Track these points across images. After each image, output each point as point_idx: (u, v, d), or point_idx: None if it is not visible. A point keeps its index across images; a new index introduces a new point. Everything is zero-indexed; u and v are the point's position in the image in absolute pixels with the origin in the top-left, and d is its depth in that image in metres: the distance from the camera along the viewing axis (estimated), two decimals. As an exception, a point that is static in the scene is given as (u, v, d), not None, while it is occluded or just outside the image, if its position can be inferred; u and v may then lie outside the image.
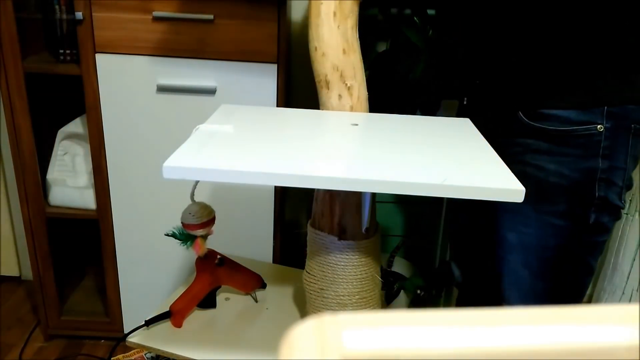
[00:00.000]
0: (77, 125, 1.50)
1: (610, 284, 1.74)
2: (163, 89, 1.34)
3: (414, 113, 1.38)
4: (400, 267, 1.69)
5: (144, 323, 1.02)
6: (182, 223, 1.02)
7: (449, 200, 1.57)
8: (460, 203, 1.09)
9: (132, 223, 1.47)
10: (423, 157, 0.77)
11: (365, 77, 0.95)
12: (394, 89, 1.37)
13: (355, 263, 0.91)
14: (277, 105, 1.35)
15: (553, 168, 0.88)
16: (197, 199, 1.02)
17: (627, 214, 1.68)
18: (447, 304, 1.57)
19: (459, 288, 1.26)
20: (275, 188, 1.44)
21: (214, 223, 1.04)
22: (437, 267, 1.56)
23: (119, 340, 1.06)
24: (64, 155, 1.52)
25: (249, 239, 1.48)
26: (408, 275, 1.60)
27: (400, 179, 0.68)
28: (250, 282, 1.14)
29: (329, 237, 0.91)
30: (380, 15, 1.55)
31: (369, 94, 0.96)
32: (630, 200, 1.67)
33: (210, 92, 1.34)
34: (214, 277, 1.07)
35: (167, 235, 1.03)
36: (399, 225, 1.74)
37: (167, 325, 1.03)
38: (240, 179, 0.69)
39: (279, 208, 1.48)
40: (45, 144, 1.50)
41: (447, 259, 1.58)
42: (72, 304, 1.69)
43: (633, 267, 1.67)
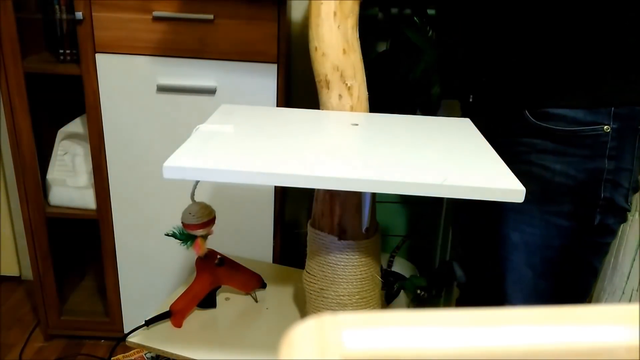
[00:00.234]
0: (77, 125, 1.50)
1: (610, 284, 1.74)
2: (163, 89, 1.34)
3: (414, 113, 1.38)
4: (400, 267, 1.69)
5: (144, 323, 1.02)
6: (182, 223, 1.02)
7: (450, 200, 1.57)
8: (461, 203, 1.09)
9: (132, 223, 1.47)
10: (423, 157, 0.77)
11: (365, 77, 0.95)
12: (394, 89, 1.37)
13: (355, 263, 0.91)
14: (277, 105, 1.35)
15: (559, 168, 0.88)
16: (197, 199, 1.02)
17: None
18: (447, 304, 1.57)
19: (461, 288, 1.26)
20: (275, 188, 1.44)
21: (214, 223, 1.04)
22: (437, 267, 1.56)
23: (119, 340, 1.06)
24: (64, 155, 1.52)
25: (249, 239, 1.48)
26: (408, 275, 1.60)
27: (400, 179, 0.68)
28: (250, 282, 1.14)
29: (329, 237, 0.91)
30: (381, 15, 1.55)
31: (369, 94, 0.96)
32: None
33: (210, 92, 1.34)
34: (214, 277, 1.07)
35: (167, 235, 1.03)
36: (399, 225, 1.74)
37: (167, 325, 1.03)
38: (240, 179, 0.69)
39: (279, 208, 1.47)
40: (45, 144, 1.50)
41: (447, 259, 1.58)
42: (72, 304, 1.69)
43: (633, 267, 1.67)
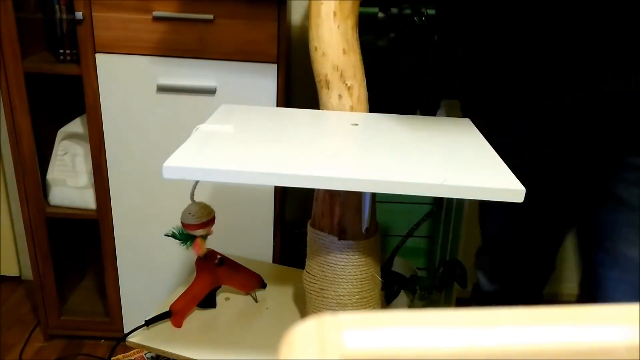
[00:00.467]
0: (77, 125, 1.50)
1: (610, 284, 1.73)
2: (163, 89, 1.34)
3: (414, 113, 1.38)
4: (400, 267, 1.69)
5: (144, 323, 1.02)
6: (182, 223, 1.02)
7: (450, 201, 1.57)
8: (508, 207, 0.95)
9: (132, 223, 1.47)
10: (423, 157, 0.77)
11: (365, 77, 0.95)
12: (394, 89, 1.37)
13: (355, 263, 0.91)
14: (277, 105, 1.35)
15: None
16: (197, 199, 1.02)
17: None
18: (447, 304, 1.57)
19: (483, 296, 1.20)
20: (275, 188, 1.44)
21: (214, 223, 1.04)
22: (437, 267, 1.56)
23: (119, 340, 1.06)
24: (64, 155, 1.52)
25: (249, 239, 1.48)
26: (408, 275, 1.60)
27: (400, 179, 0.68)
28: (250, 282, 1.14)
29: (329, 237, 0.91)
30: (381, 15, 1.55)
31: (369, 94, 0.96)
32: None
33: (210, 92, 1.34)
34: (214, 277, 1.07)
35: (167, 236, 1.03)
36: (399, 225, 1.73)
37: (167, 325, 1.03)
38: (240, 179, 0.69)
39: (279, 208, 1.48)
40: (45, 144, 1.50)
41: (447, 259, 1.58)
42: (72, 304, 1.69)
43: (633, 267, 1.66)
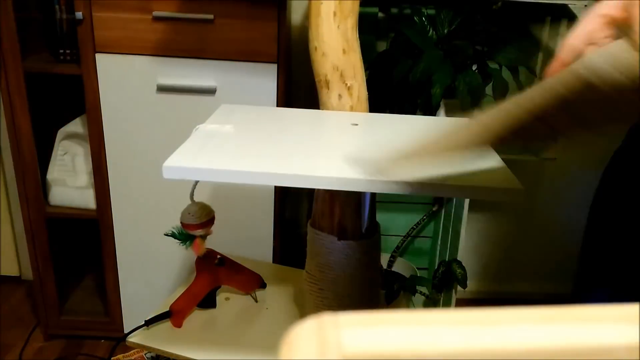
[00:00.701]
0: (77, 125, 1.50)
1: (610, 284, 1.74)
2: (163, 89, 1.34)
3: (414, 113, 1.38)
4: (400, 267, 1.69)
5: (144, 323, 1.02)
6: (181, 223, 1.02)
7: (449, 200, 1.57)
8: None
9: (132, 223, 1.47)
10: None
11: (365, 77, 0.95)
12: (394, 89, 1.37)
13: (355, 263, 0.91)
14: (277, 105, 1.35)
15: None
16: (197, 199, 1.02)
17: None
18: (447, 304, 1.57)
19: None
20: (275, 188, 1.44)
21: (213, 223, 1.04)
22: (437, 267, 1.56)
23: (119, 340, 1.06)
24: (64, 155, 1.52)
25: (249, 239, 1.48)
26: (408, 275, 1.60)
27: (400, 179, 0.68)
28: (250, 282, 1.14)
29: (329, 237, 0.91)
30: (381, 15, 1.55)
31: (369, 94, 0.96)
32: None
33: (210, 92, 1.34)
34: (214, 277, 1.07)
35: (166, 235, 1.03)
36: (399, 225, 1.74)
37: (167, 325, 1.03)
38: (240, 179, 0.69)
39: (279, 208, 1.48)
40: (45, 144, 1.50)
41: (447, 259, 1.58)
42: (72, 304, 1.68)
43: (633, 267, 1.66)
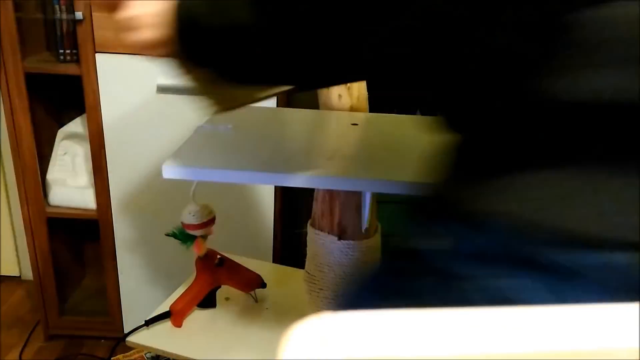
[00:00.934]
0: (77, 125, 1.50)
1: (610, 284, 1.74)
2: (163, 89, 1.34)
3: (414, 113, 1.38)
4: (400, 267, 1.69)
5: (144, 323, 1.02)
6: (182, 223, 1.02)
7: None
8: None
9: (132, 223, 1.47)
10: (423, 157, 0.77)
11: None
12: (394, 89, 1.36)
13: (355, 263, 0.91)
14: (277, 105, 1.35)
15: None
16: (197, 199, 1.02)
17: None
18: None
19: None
20: (275, 188, 1.44)
21: (214, 223, 1.04)
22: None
23: (119, 340, 1.06)
24: (64, 155, 1.52)
25: (249, 239, 1.48)
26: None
27: (400, 179, 0.68)
28: (250, 282, 1.14)
29: (329, 237, 0.91)
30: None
31: (369, 94, 0.96)
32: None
33: (210, 92, 1.34)
34: (214, 277, 1.07)
35: (167, 235, 1.03)
36: (399, 226, 1.73)
37: (167, 325, 1.03)
38: (240, 179, 0.69)
39: (279, 208, 1.47)
40: (45, 144, 1.49)
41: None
42: (72, 304, 1.68)
43: (633, 267, 1.66)
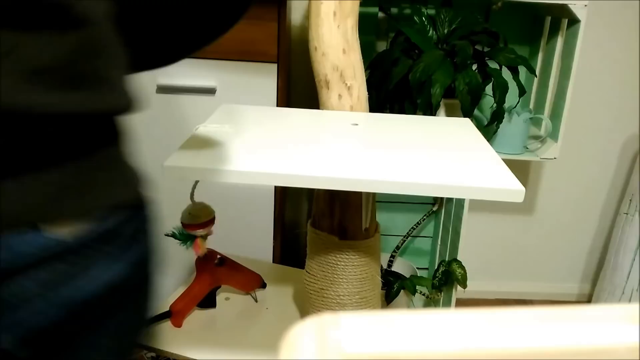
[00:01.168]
0: (77, 125, 1.50)
1: (610, 284, 1.74)
2: (163, 89, 1.34)
3: (414, 113, 1.38)
4: (400, 267, 1.69)
5: (144, 323, 1.02)
6: (181, 223, 1.02)
7: (449, 200, 1.57)
8: None
9: (132, 223, 1.47)
10: (423, 157, 0.77)
11: (366, 77, 0.95)
12: (394, 89, 1.37)
13: (355, 263, 0.91)
14: (277, 105, 1.35)
15: None
16: (197, 199, 1.02)
17: (627, 214, 1.68)
18: (447, 304, 1.57)
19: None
20: (275, 188, 1.44)
21: (214, 223, 1.04)
22: (437, 267, 1.56)
23: (119, 340, 1.06)
24: (64, 155, 1.52)
25: (249, 239, 1.48)
26: (408, 275, 1.60)
27: (400, 179, 0.68)
28: (250, 282, 1.14)
29: (329, 237, 0.91)
30: (381, 15, 1.55)
31: (369, 94, 0.96)
32: (630, 200, 1.67)
33: (210, 92, 1.34)
34: (214, 277, 1.07)
35: (167, 235, 1.03)
36: (399, 225, 1.74)
37: (167, 325, 1.03)
38: (240, 179, 0.69)
39: (279, 208, 1.47)
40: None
41: (447, 259, 1.58)
42: (72, 304, 1.68)
43: (633, 267, 1.67)
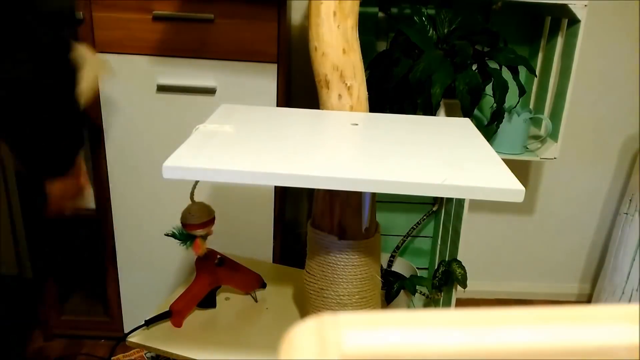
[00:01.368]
0: (77, 125, 1.50)
1: (610, 284, 1.74)
2: (163, 89, 1.34)
3: (414, 113, 1.38)
4: (400, 267, 1.69)
5: (144, 323, 1.02)
6: (182, 223, 1.02)
7: (449, 200, 1.57)
8: None
9: (132, 223, 1.47)
10: (423, 157, 0.77)
11: (366, 77, 0.95)
12: (394, 89, 1.37)
13: (355, 263, 0.91)
14: (277, 105, 1.35)
15: None
16: (197, 199, 1.02)
17: (627, 214, 1.68)
18: (447, 304, 1.57)
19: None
20: (275, 188, 1.44)
21: (214, 223, 1.04)
22: (437, 267, 1.56)
23: (119, 340, 1.06)
24: (64, 155, 1.52)
25: (249, 239, 1.48)
26: (408, 275, 1.60)
27: (400, 179, 0.68)
28: (250, 282, 1.14)
29: (329, 237, 0.91)
30: (381, 14, 1.55)
31: (369, 94, 0.96)
32: (630, 200, 1.67)
33: (210, 92, 1.34)
34: (214, 277, 1.07)
35: (167, 235, 1.03)
36: (399, 225, 1.74)
37: (167, 325, 1.03)
38: (240, 179, 0.69)
39: (279, 208, 1.47)
40: (45, 144, 1.49)
41: (447, 259, 1.58)
42: (72, 304, 1.68)
43: (633, 267, 1.67)
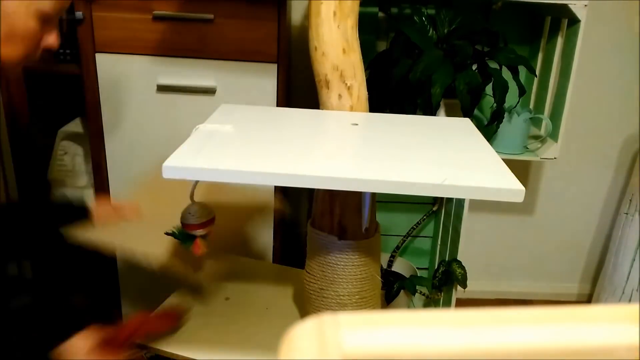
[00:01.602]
0: (77, 125, 1.50)
1: (610, 284, 1.74)
2: (163, 89, 1.34)
3: (414, 113, 1.38)
4: (400, 267, 1.69)
5: (144, 323, 1.01)
6: (181, 223, 1.02)
7: (449, 200, 1.57)
8: None
9: (131, 223, 1.47)
10: (423, 157, 0.77)
11: (366, 77, 0.95)
12: (394, 89, 1.37)
13: (355, 263, 0.91)
14: (277, 105, 1.35)
15: None
16: (197, 199, 1.02)
17: (627, 214, 1.68)
18: (447, 304, 1.57)
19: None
20: (275, 188, 1.44)
21: (214, 223, 1.04)
22: (437, 267, 1.56)
23: (119, 340, 1.05)
24: (64, 155, 1.52)
25: (249, 239, 1.48)
26: (408, 275, 1.60)
27: (400, 179, 0.68)
28: (166, 320, 1.02)
29: (329, 237, 0.91)
30: (381, 14, 1.55)
31: (369, 94, 0.96)
32: (630, 200, 1.67)
33: (210, 92, 1.34)
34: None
35: (166, 235, 1.03)
36: (399, 225, 1.74)
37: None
38: (240, 179, 0.69)
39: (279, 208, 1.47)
40: (46, 144, 1.49)
41: (447, 259, 1.58)
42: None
43: (633, 267, 1.67)
